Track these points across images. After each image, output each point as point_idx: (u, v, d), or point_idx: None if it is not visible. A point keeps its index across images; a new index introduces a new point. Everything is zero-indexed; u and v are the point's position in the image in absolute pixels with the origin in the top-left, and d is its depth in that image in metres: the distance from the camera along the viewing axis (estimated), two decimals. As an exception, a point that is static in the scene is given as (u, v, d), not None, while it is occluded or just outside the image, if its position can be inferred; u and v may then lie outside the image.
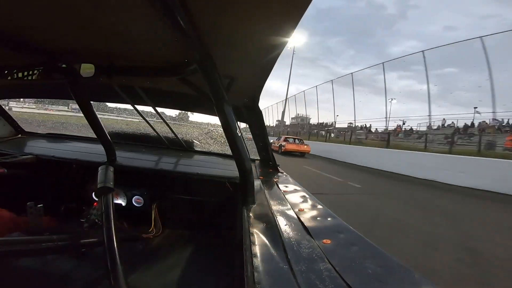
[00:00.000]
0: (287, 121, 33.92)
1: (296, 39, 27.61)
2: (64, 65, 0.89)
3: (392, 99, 19.93)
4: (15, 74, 0.83)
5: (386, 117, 20.03)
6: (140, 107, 1.66)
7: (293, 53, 28.81)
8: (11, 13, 0.62)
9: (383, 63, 20.05)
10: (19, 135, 1.83)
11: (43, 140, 1.85)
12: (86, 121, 1.23)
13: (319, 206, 0.97)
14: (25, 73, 0.84)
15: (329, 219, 0.85)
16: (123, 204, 1.45)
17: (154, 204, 1.47)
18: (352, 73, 23.06)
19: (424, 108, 16.62)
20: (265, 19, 0.58)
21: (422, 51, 16.72)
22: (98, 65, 0.89)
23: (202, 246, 1.49)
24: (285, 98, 30.62)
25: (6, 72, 0.83)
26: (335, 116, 26.26)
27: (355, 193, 6.67)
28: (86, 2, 0.55)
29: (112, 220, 0.87)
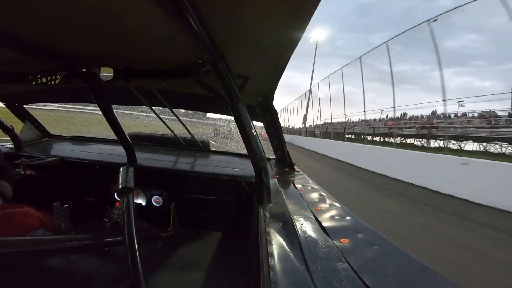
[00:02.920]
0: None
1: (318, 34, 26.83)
2: (84, 70, 0.92)
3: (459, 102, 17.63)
4: (39, 80, 0.88)
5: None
6: (156, 109, 1.70)
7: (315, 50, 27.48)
8: (32, 21, 0.64)
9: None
10: (45, 138, 1.93)
11: (68, 143, 1.93)
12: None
13: (337, 205, 0.94)
14: (48, 78, 0.88)
15: (347, 218, 0.82)
16: (143, 203, 1.49)
17: (172, 203, 1.50)
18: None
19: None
20: (276, 17, 0.57)
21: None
22: (116, 68, 0.91)
23: (219, 245, 1.50)
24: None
25: (30, 77, 0.88)
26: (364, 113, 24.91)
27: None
28: (102, 8, 0.56)
29: (133, 220, 0.90)
